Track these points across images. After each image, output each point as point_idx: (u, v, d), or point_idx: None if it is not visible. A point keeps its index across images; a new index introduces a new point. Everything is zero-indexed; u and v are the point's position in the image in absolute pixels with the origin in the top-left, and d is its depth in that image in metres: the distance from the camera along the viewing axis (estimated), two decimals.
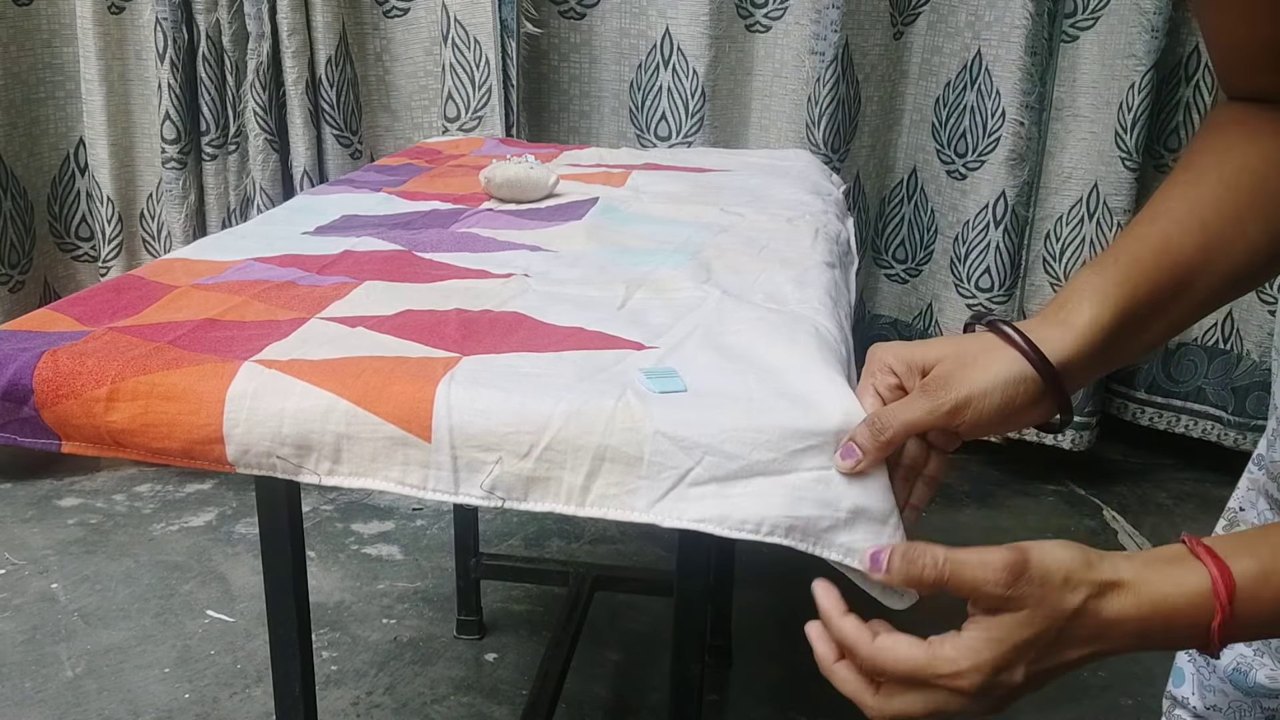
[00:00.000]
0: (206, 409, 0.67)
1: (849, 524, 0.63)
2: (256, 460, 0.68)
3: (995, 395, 0.62)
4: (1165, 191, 0.67)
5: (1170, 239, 0.65)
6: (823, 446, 0.63)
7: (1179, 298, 0.65)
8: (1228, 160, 0.67)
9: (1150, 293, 0.64)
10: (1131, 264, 0.65)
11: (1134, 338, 0.65)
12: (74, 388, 0.69)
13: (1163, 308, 0.65)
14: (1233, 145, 0.67)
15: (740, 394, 0.66)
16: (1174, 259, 0.64)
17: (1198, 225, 0.65)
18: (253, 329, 0.76)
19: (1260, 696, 0.98)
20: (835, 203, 1.22)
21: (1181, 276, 0.64)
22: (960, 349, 0.64)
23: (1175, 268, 0.64)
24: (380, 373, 0.68)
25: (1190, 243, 0.64)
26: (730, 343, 0.74)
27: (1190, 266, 0.64)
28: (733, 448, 0.62)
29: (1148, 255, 0.65)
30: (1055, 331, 0.63)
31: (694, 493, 0.63)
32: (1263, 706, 0.98)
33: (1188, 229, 0.65)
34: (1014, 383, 0.62)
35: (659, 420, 0.63)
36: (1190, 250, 0.64)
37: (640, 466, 0.63)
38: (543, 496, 0.65)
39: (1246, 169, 0.66)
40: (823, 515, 0.63)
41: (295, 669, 0.90)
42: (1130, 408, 2.29)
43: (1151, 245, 0.65)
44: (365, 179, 1.28)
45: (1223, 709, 1.02)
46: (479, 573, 1.64)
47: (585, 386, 0.66)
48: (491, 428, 0.64)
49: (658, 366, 0.70)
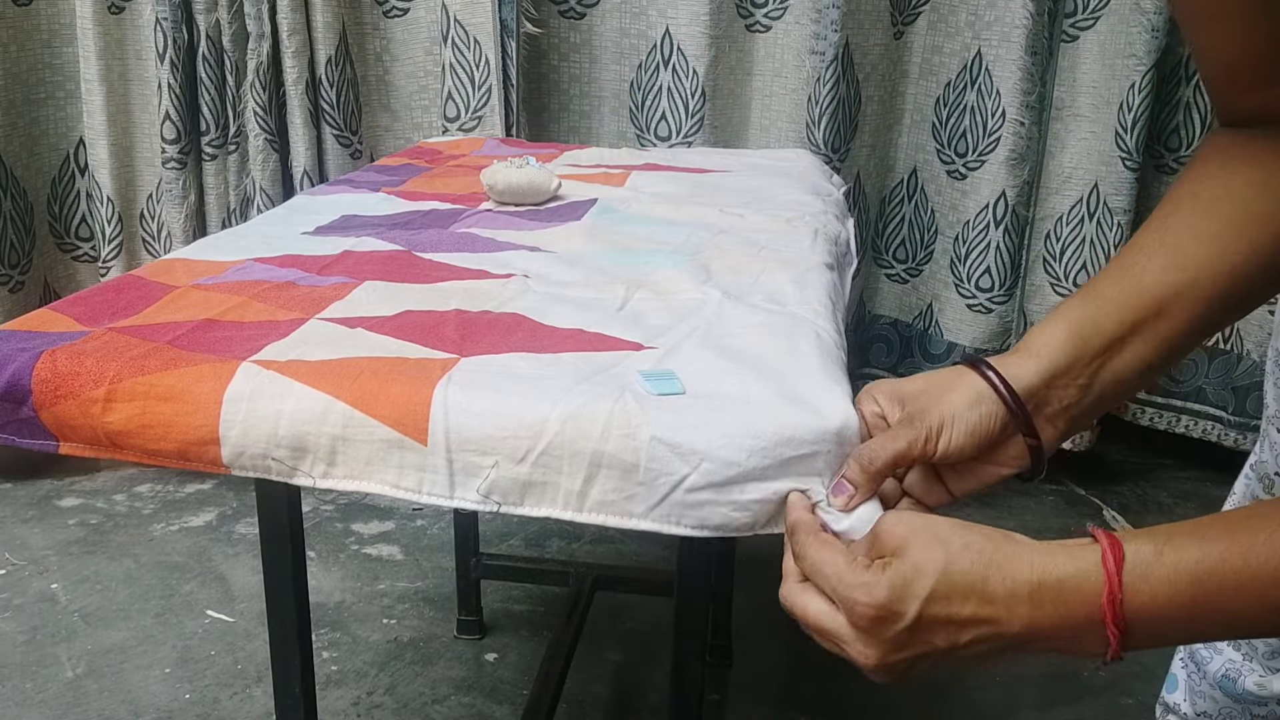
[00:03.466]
0: (204, 410, 0.67)
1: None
2: (251, 462, 0.68)
3: (964, 420, 0.64)
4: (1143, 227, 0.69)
5: (1135, 265, 0.67)
6: (820, 453, 0.63)
7: (1154, 321, 0.66)
8: (1204, 189, 0.68)
9: (1114, 316, 0.66)
10: (1092, 292, 0.67)
11: (1107, 364, 0.66)
12: (72, 388, 0.69)
13: (1134, 330, 0.66)
14: (1212, 174, 0.68)
15: (738, 398, 0.66)
16: (1138, 283, 0.66)
17: (1169, 251, 0.66)
18: (252, 329, 0.76)
19: (1249, 703, 0.98)
20: (835, 203, 1.22)
21: (1151, 301, 0.66)
22: (938, 381, 0.67)
23: (1143, 293, 0.66)
24: (378, 374, 0.68)
25: (1158, 266, 0.66)
26: (730, 345, 0.74)
27: (1161, 290, 0.66)
28: (729, 454, 0.62)
29: (1110, 284, 0.67)
30: (1020, 359, 0.66)
31: (691, 499, 0.63)
32: (1252, 714, 0.99)
33: (1153, 254, 0.67)
34: (980, 404, 0.65)
35: (655, 426, 0.63)
36: (1158, 273, 0.66)
37: (637, 473, 0.63)
38: (539, 501, 0.65)
39: (1225, 196, 0.67)
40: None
41: (295, 669, 0.90)
42: (1130, 408, 2.29)
43: (1113, 274, 0.68)
44: (364, 179, 1.28)
45: (1213, 715, 1.02)
46: (479, 572, 1.64)
47: (583, 389, 0.66)
48: (488, 431, 0.64)
49: (656, 369, 0.70)
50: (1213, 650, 1.01)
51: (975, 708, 1.55)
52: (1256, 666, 0.97)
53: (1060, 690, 1.60)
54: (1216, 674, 1.00)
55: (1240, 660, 0.99)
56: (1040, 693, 1.59)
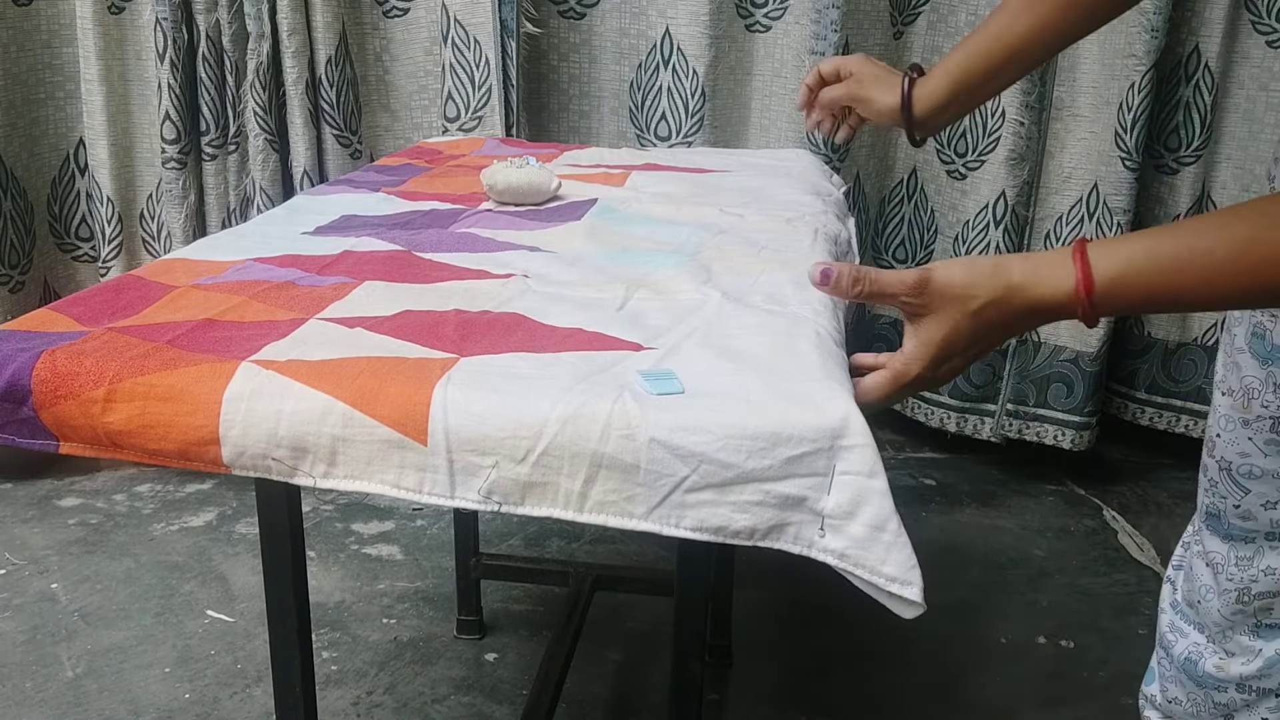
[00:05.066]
0: (204, 410, 0.67)
1: (841, 528, 0.63)
2: (252, 462, 0.68)
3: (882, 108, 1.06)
4: None
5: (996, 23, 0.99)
6: (818, 453, 0.63)
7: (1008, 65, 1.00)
8: None
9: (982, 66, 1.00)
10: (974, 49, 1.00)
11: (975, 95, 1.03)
12: (72, 388, 0.69)
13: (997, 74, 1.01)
14: None
15: (738, 398, 0.66)
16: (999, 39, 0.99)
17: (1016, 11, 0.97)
18: (251, 329, 0.76)
19: (1210, 689, 1.00)
20: (835, 203, 1.22)
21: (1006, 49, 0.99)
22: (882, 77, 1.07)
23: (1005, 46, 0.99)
24: (377, 374, 0.68)
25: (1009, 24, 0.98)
26: (730, 345, 0.74)
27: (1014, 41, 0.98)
28: (728, 456, 0.62)
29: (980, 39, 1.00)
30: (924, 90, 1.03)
31: (691, 499, 0.63)
32: (1214, 701, 1.00)
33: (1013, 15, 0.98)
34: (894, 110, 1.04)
35: (655, 427, 0.63)
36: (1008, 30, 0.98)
37: (637, 474, 0.63)
38: (540, 502, 0.65)
39: None
40: (814, 519, 0.63)
41: (295, 669, 0.90)
42: (1130, 408, 2.29)
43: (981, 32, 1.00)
44: (364, 179, 1.28)
45: (1182, 702, 1.05)
46: (479, 572, 1.64)
47: (582, 388, 0.66)
48: (487, 432, 0.64)
49: (655, 369, 0.70)
50: (1178, 634, 1.03)
51: (975, 708, 1.55)
52: (1216, 649, 1.00)
53: (1060, 690, 1.60)
54: (1180, 657, 1.03)
55: (1204, 643, 1.01)
56: (1040, 693, 1.59)
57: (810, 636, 1.70)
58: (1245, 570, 0.98)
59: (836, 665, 1.62)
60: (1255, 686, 0.98)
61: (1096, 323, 0.69)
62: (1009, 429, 2.21)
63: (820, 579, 0.76)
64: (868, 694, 1.56)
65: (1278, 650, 0.97)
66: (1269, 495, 0.94)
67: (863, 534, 0.63)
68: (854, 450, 0.63)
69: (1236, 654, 0.98)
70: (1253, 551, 0.97)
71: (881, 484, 0.63)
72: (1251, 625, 0.97)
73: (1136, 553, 2.00)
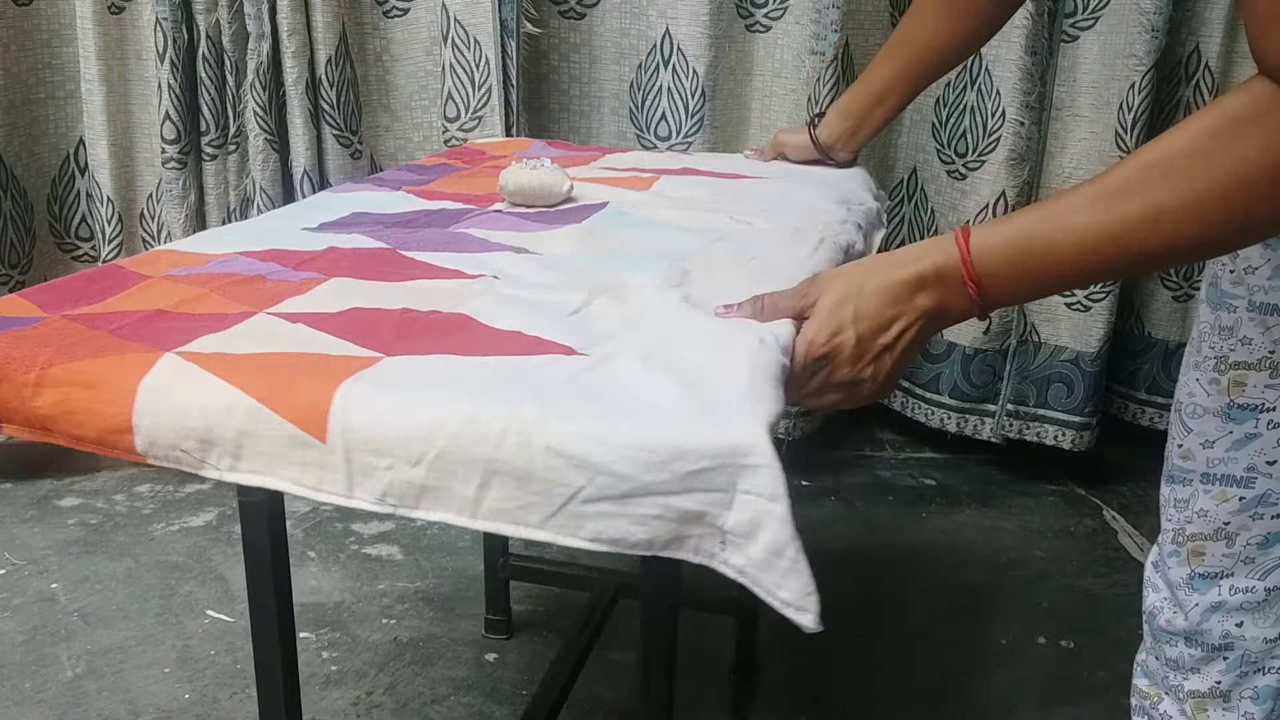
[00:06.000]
0: (120, 399, 0.68)
1: (742, 546, 0.62)
2: (163, 452, 0.68)
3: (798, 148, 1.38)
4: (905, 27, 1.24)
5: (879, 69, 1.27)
6: (719, 469, 0.61)
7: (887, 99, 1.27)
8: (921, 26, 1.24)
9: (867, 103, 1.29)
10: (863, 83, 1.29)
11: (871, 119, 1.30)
12: (7, 372, 0.70)
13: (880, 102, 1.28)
14: None
15: (647, 410, 0.63)
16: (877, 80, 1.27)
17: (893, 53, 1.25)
18: (198, 321, 0.76)
19: (1164, 643, 1.05)
20: (864, 213, 1.18)
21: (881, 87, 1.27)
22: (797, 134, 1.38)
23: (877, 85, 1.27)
24: (291, 370, 0.68)
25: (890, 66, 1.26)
26: (665, 354, 0.71)
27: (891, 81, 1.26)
28: (624, 468, 0.60)
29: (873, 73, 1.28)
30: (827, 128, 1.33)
31: (589, 509, 0.62)
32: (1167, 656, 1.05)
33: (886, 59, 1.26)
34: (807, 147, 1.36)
35: (551, 436, 0.61)
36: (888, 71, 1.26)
37: (532, 482, 0.62)
38: (434, 506, 0.64)
39: None
40: (715, 534, 0.62)
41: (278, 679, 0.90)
42: (1130, 408, 2.29)
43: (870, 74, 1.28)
44: (393, 177, 1.27)
45: (1158, 680, 1.09)
46: (507, 573, 1.64)
47: (490, 393, 0.64)
48: (384, 433, 0.64)
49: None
50: (1150, 588, 1.07)
51: (975, 707, 1.55)
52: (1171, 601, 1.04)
53: (1060, 690, 1.60)
54: (1149, 611, 1.07)
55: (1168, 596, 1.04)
56: (1040, 693, 1.59)
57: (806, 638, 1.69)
58: (1182, 512, 1.02)
59: (835, 665, 1.62)
60: (1199, 641, 1.02)
61: (980, 294, 0.73)
62: (1009, 429, 2.21)
63: None
64: (868, 694, 1.57)
65: (1212, 603, 1.00)
66: (1208, 433, 0.98)
67: (761, 556, 0.61)
68: (758, 470, 0.61)
69: (1183, 606, 1.02)
70: (1189, 494, 1.01)
71: (782, 508, 0.61)
72: (1186, 575, 1.01)
73: (1136, 553, 2.00)
